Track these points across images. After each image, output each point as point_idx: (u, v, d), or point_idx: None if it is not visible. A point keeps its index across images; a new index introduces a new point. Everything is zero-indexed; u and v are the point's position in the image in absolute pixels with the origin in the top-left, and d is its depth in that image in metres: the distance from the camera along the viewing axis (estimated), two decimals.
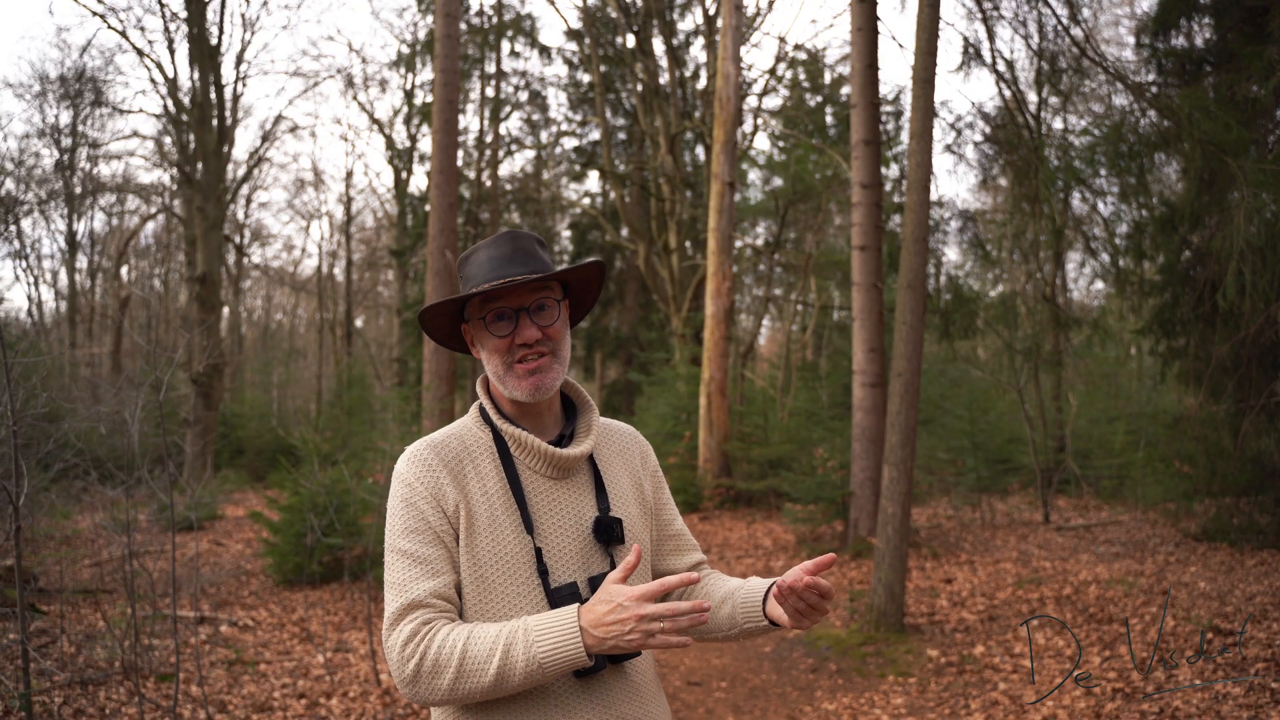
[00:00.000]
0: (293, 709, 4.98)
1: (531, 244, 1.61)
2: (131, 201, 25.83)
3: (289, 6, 43.77)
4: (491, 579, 1.53)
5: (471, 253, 1.63)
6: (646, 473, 1.77)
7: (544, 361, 1.58)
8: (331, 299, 28.52)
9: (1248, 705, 4.25)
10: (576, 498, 1.62)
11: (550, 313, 1.60)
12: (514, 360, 1.57)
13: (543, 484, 1.60)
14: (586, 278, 1.69)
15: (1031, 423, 11.07)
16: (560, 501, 1.60)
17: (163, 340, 20.18)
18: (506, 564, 1.53)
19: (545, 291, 1.60)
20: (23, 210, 21.76)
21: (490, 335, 1.58)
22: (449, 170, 11.62)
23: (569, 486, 1.62)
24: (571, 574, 1.56)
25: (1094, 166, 8.10)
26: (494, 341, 1.58)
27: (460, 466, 1.58)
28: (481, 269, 1.59)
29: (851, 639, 6.10)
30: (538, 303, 1.58)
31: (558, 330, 1.61)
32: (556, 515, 1.59)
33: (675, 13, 21.73)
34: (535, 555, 1.54)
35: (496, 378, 1.60)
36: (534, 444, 1.59)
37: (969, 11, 8.78)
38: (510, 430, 1.59)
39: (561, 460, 1.60)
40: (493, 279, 1.56)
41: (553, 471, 1.61)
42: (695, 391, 13.87)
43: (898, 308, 6.21)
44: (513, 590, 1.52)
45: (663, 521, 1.79)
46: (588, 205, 24.10)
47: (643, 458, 1.78)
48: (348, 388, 14.91)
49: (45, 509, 6.86)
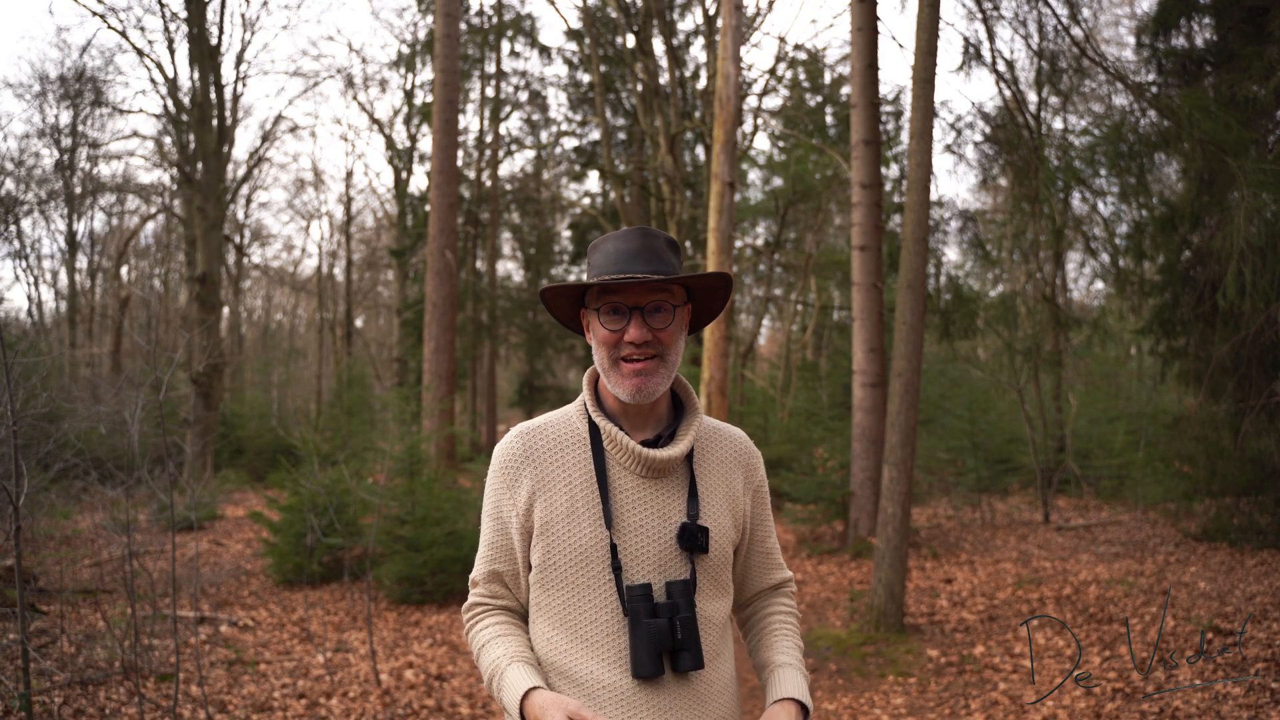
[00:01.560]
0: (293, 709, 4.98)
1: (660, 243, 1.59)
2: (131, 201, 25.84)
3: (289, 6, 43.75)
4: (563, 567, 1.55)
5: (601, 242, 1.62)
6: (749, 486, 1.73)
7: (650, 365, 1.56)
8: (331, 299, 28.51)
9: (1248, 705, 4.25)
10: (666, 500, 1.60)
11: (665, 316, 1.58)
12: (619, 356, 1.57)
13: (632, 481, 1.60)
14: (712, 286, 1.66)
15: (1031, 423, 11.07)
16: (648, 501, 1.59)
17: (163, 340, 20.18)
18: (579, 555, 1.55)
19: (664, 294, 1.58)
20: (23, 210, 21.75)
21: (602, 327, 1.58)
22: (449, 170, 11.62)
23: (660, 488, 1.61)
24: (648, 575, 1.56)
25: (1094, 166, 8.10)
26: (604, 333, 1.58)
27: (547, 456, 1.61)
28: (606, 259, 1.58)
29: (851, 639, 6.10)
30: (654, 304, 1.56)
31: (670, 335, 1.59)
32: (641, 515, 1.58)
33: (675, 13, 21.73)
34: (610, 550, 1.54)
35: (602, 370, 1.60)
36: (625, 442, 1.59)
37: (969, 11, 8.78)
38: (605, 426, 1.59)
39: (652, 461, 1.59)
40: (614, 272, 1.55)
41: (644, 470, 1.60)
42: (695, 391, 13.86)
43: (898, 308, 6.21)
44: (583, 581, 1.54)
45: (758, 537, 1.77)
46: (588, 205, 24.10)
47: (748, 469, 1.73)
48: (348, 388, 14.91)
49: (45, 509, 6.86)
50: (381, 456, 8.23)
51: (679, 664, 1.53)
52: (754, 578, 1.79)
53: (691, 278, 1.60)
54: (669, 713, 1.52)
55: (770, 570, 1.80)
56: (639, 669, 1.50)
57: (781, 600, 1.81)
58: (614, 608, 1.54)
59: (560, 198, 24.77)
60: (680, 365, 11.97)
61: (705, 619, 1.59)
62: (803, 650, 1.75)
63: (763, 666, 1.70)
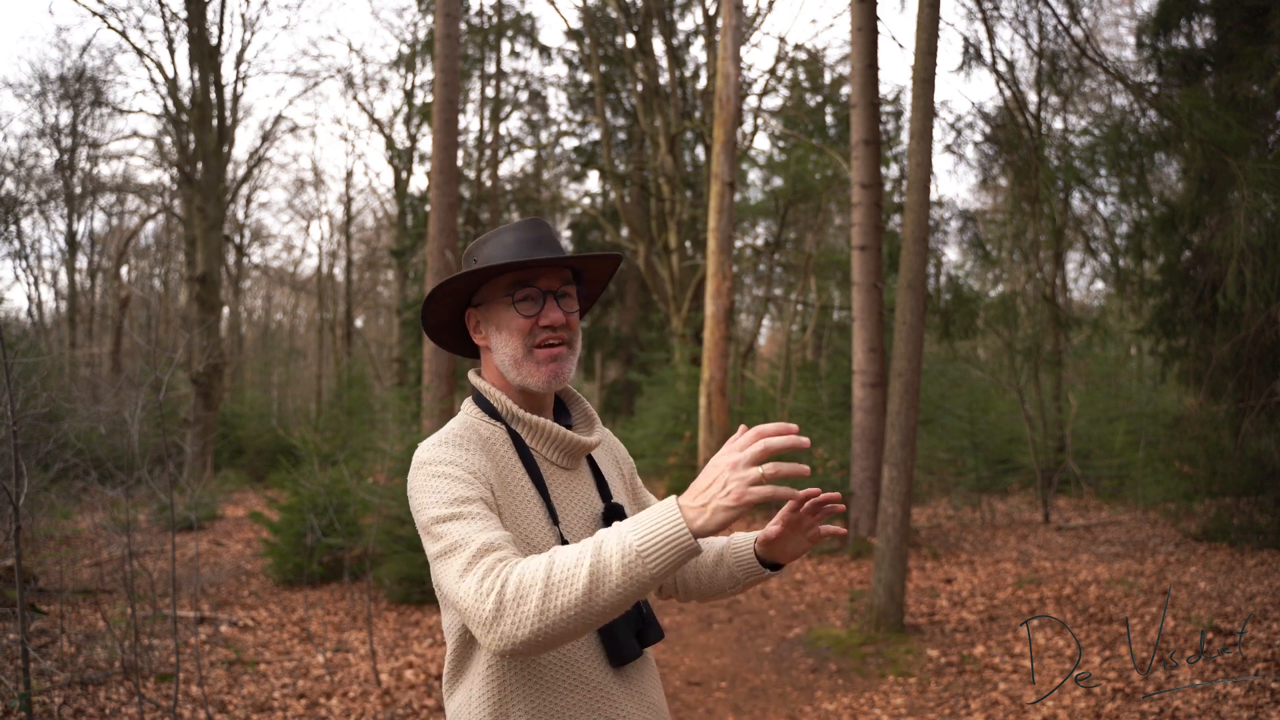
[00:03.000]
0: (293, 709, 4.98)
1: (555, 234, 1.60)
2: (131, 201, 25.84)
3: (289, 6, 43.76)
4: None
5: (493, 235, 1.58)
6: (625, 466, 1.79)
7: (563, 350, 1.55)
8: (331, 299, 28.51)
9: (1248, 705, 4.25)
10: (585, 488, 1.62)
11: (572, 301, 1.58)
12: (535, 344, 1.53)
13: (558, 474, 1.58)
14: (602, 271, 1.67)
15: (1031, 423, 11.07)
16: (574, 491, 1.59)
17: (163, 340, 20.17)
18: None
19: (568, 282, 1.58)
20: (23, 210, 21.74)
21: (516, 315, 1.53)
22: (449, 170, 11.62)
23: (576, 477, 1.61)
24: None
25: (1094, 166, 8.10)
26: (519, 322, 1.53)
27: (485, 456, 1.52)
28: (509, 250, 1.55)
29: (851, 639, 6.10)
30: (564, 289, 1.56)
31: (576, 321, 1.59)
32: (573, 505, 1.58)
33: (675, 13, 21.74)
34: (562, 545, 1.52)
35: (513, 362, 1.54)
36: (555, 431, 1.56)
37: (969, 11, 8.78)
38: (529, 419, 1.55)
39: (580, 447, 1.59)
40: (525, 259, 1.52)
41: (565, 461, 1.59)
42: (695, 391, 13.87)
43: (898, 308, 6.21)
44: None
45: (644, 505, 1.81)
46: (588, 205, 24.10)
47: (617, 448, 1.80)
48: (348, 388, 14.91)
49: (45, 509, 6.85)
50: (381, 456, 8.24)
51: (645, 639, 1.54)
52: None
53: (599, 258, 1.59)
54: (642, 693, 1.54)
55: None
56: (623, 656, 1.48)
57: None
58: None
59: (560, 198, 24.77)
60: (680, 365, 11.98)
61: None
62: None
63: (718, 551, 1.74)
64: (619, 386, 23.60)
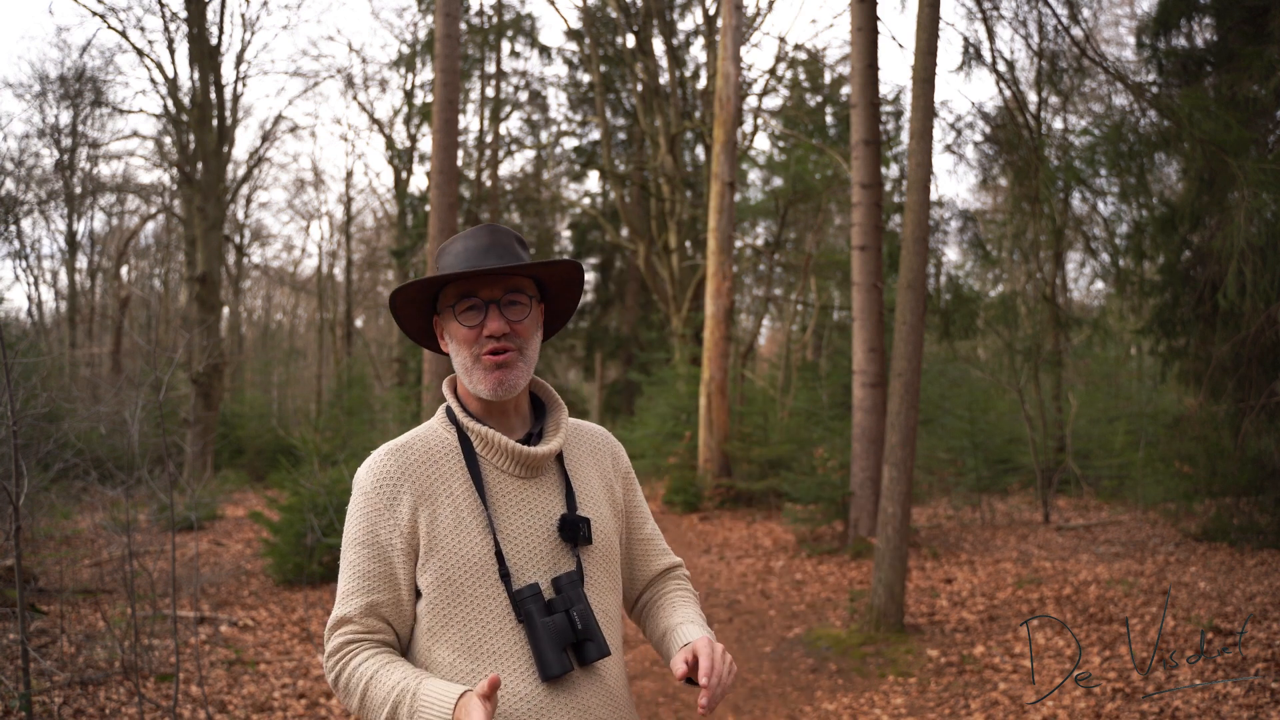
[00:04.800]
0: (293, 709, 4.98)
1: (510, 240, 1.60)
2: (131, 201, 25.84)
3: (289, 6, 43.74)
4: (460, 582, 1.50)
5: (450, 243, 1.60)
6: (618, 474, 1.74)
7: (509, 357, 1.55)
8: (331, 299, 28.51)
9: (1248, 705, 4.25)
10: (545, 497, 1.59)
11: (521, 309, 1.58)
12: (481, 352, 1.55)
13: (510, 484, 1.58)
14: (565, 279, 1.67)
15: (1031, 423, 11.07)
16: (528, 501, 1.58)
17: (163, 340, 20.17)
18: (472, 567, 1.51)
19: (517, 290, 1.58)
20: (23, 210, 21.74)
21: (460, 325, 1.56)
22: (449, 170, 11.62)
23: (537, 486, 1.60)
24: (535, 575, 1.54)
25: (1094, 166, 8.10)
26: (463, 332, 1.56)
27: (424, 470, 1.55)
28: (456, 259, 1.57)
29: (851, 639, 6.10)
30: (510, 298, 1.56)
31: (526, 328, 1.58)
32: (523, 515, 1.56)
33: (675, 13, 21.74)
34: (497, 557, 1.52)
35: (464, 370, 1.58)
36: (500, 441, 1.56)
37: (969, 11, 8.78)
38: (476, 428, 1.57)
39: (528, 458, 1.58)
40: (465, 269, 1.54)
41: (520, 470, 1.58)
42: (695, 391, 13.87)
43: (898, 308, 6.21)
44: (480, 592, 1.50)
45: (634, 524, 1.77)
46: (588, 205, 24.11)
47: (614, 459, 1.75)
48: (348, 388, 14.91)
49: (45, 509, 6.86)
50: None
51: (585, 655, 1.51)
52: (640, 568, 1.78)
53: (540, 266, 1.59)
54: (586, 711, 1.50)
55: (655, 557, 1.79)
56: (547, 669, 1.47)
57: (675, 581, 1.79)
58: (511, 616, 1.50)
59: (560, 198, 24.77)
60: (680, 365, 11.98)
61: (600, 611, 1.57)
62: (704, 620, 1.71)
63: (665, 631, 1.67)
64: (619, 386, 23.60)
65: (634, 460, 14.52)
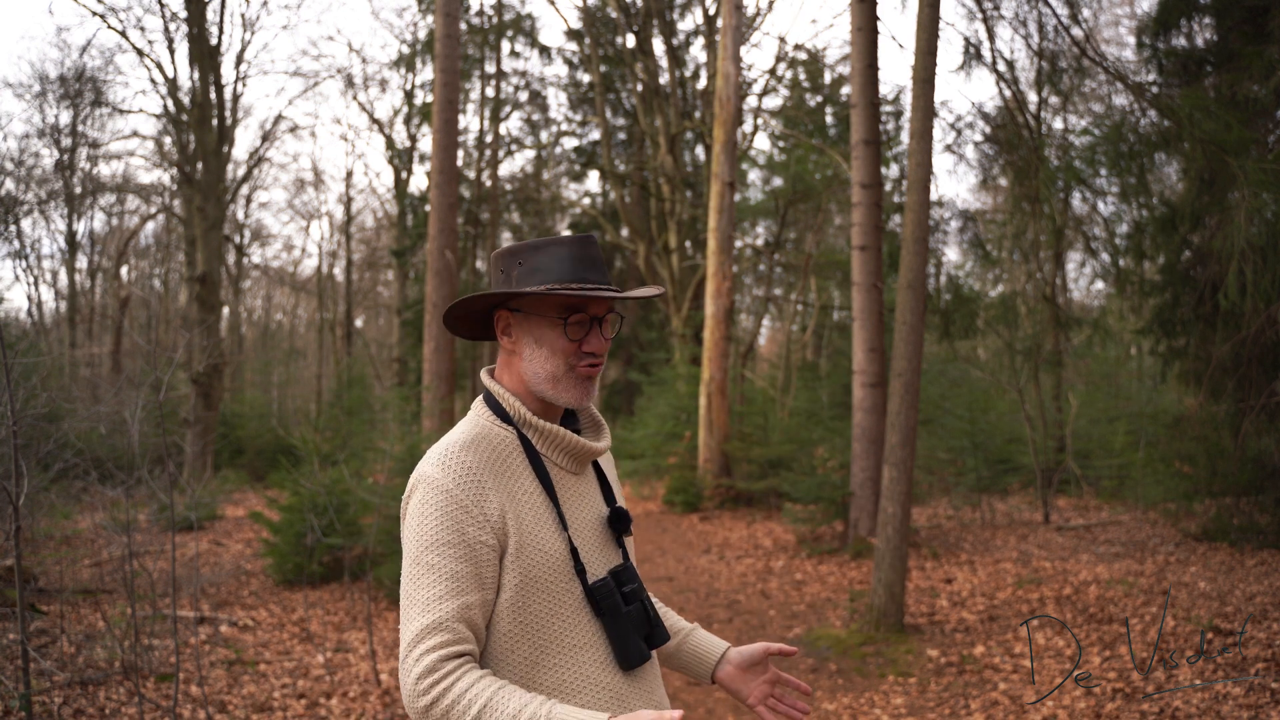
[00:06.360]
0: (293, 709, 4.98)
1: (600, 253, 1.63)
2: (131, 201, 25.84)
3: (289, 6, 43.77)
4: (543, 579, 1.52)
5: (545, 245, 1.57)
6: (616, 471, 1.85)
7: (596, 371, 1.60)
8: (331, 299, 28.51)
9: (1248, 705, 4.25)
10: (591, 492, 1.66)
11: (611, 328, 1.62)
12: (578, 364, 1.58)
13: (567, 479, 1.62)
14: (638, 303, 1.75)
15: (1031, 423, 11.07)
16: (582, 496, 1.63)
17: (163, 340, 20.18)
18: (553, 563, 1.53)
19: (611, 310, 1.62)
20: (23, 210, 21.74)
21: (563, 335, 1.56)
22: (449, 170, 11.62)
23: (584, 481, 1.65)
24: (600, 569, 1.59)
25: (1094, 166, 8.10)
26: (564, 343, 1.56)
27: (500, 467, 1.55)
28: (563, 265, 1.55)
29: (851, 639, 6.10)
30: (607, 316, 1.61)
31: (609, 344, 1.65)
32: (582, 510, 1.61)
33: (675, 13, 21.74)
34: (572, 553, 1.55)
35: (549, 378, 1.57)
36: (568, 438, 1.60)
37: (969, 11, 8.78)
38: (544, 425, 1.59)
39: (590, 453, 1.63)
40: (576, 280, 1.54)
41: (574, 466, 1.63)
42: (695, 391, 13.87)
43: (898, 308, 6.21)
44: (559, 588, 1.53)
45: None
46: (588, 205, 24.11)
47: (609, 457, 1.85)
48: (348, 388, 14.90)
49: (45, 509, 6.85)
50: (381, 456, 8.24)
51: (653, 642, 1.60)
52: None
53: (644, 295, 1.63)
54: (650, 693, 1.59)
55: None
56: (629, 660, 1.53)
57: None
58: (585, 609, 1.54)
59: (560, 198, 24.77)
60: (680, 365, 11.98)
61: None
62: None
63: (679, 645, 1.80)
64: (619, 386, 23.60)
65: (634, 460, 14.55)
